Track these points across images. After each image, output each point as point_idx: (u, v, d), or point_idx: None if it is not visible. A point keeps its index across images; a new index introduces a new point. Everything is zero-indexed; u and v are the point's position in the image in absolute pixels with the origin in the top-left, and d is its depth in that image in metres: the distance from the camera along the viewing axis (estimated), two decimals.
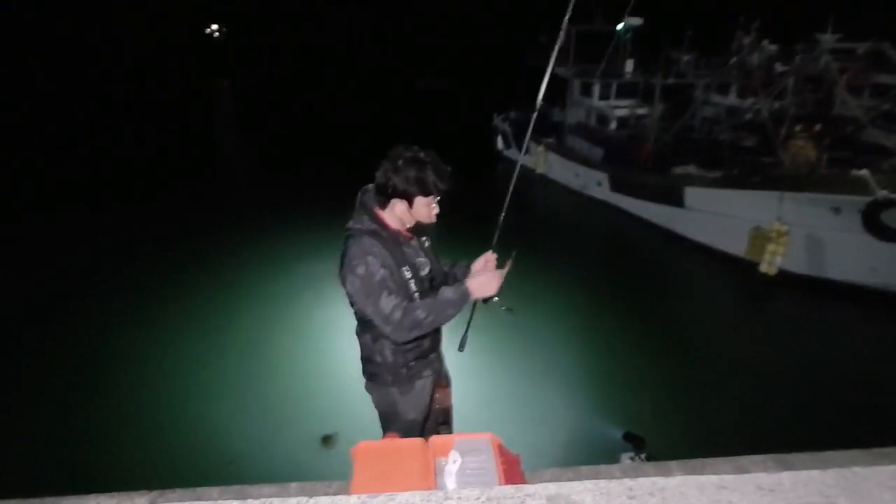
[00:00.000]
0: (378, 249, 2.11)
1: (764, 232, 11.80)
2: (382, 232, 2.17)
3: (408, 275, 2.20)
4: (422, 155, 2.14)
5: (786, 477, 1.23)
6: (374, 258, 2.08)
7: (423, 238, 2.39)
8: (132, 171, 19.78)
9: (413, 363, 2.41)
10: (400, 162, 2.09)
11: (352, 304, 2.25)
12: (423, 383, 2.51)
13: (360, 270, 2.06)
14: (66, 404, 7.49)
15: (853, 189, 10.59)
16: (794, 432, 6.96)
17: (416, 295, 2.23)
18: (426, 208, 2.17)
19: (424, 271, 2.29)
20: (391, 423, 2.55)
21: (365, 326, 2.33)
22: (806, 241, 11.48)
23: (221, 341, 8.99)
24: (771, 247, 11.64)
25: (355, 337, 2.52)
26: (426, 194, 2.13)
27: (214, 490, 2.27)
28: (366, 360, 2.44)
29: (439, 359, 2.56)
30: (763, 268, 11.84)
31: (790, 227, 11.45)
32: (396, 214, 2.18)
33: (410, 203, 2.15)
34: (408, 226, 2.25)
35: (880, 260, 10.68)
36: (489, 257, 2.37)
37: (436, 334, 2.46)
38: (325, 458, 6.46)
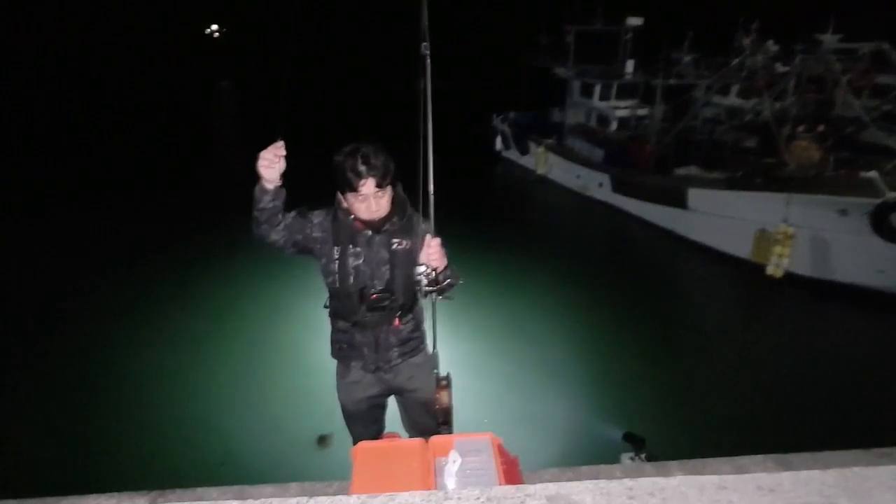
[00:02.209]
0: (329, 220, 2.31)
1: (769, 234, 11.71)
2: (340, 212, 2.29)
3: (335, 254, 2.29)
4: (350, 150, 2.15)
5: (786, 477, 1.23)
6: (320, 212, 2.35)
7: (398, 240, 2.29)
8: (132, 172, 19.79)
9: (344, 346, 2.47)
10: (337, 157, 2.17)
11: None
12: (357, 377, 2.50)
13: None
14: (66, 404, 7.49)
15: (860, 191, 10.52)
16: (794, 432, 6.96)
17: (336, 275, 2.30)
18: (357, 203, 2.19)
19: (358, 260, 2.29)
20: None
21: None
22: (812, 244, 11.38)
23: (221, 340, 9.00)
24: (777, 249, 11.52)
25: None
26: (346, 190, 2.17)
27: (214, 490, 2.27)
28: None
29: (376, 362, 2.45)
30: (769, 270, 11.70)
31: (796, 229, 11.36)
32: None
33: (341, 197, 2.22)
34: (362, 217, 2.24)
35: (888, 262, 10.61)
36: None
37: (364, 331, 2.40)
38: (323, 458, 6.46)
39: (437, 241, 2.11)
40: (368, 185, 2.14)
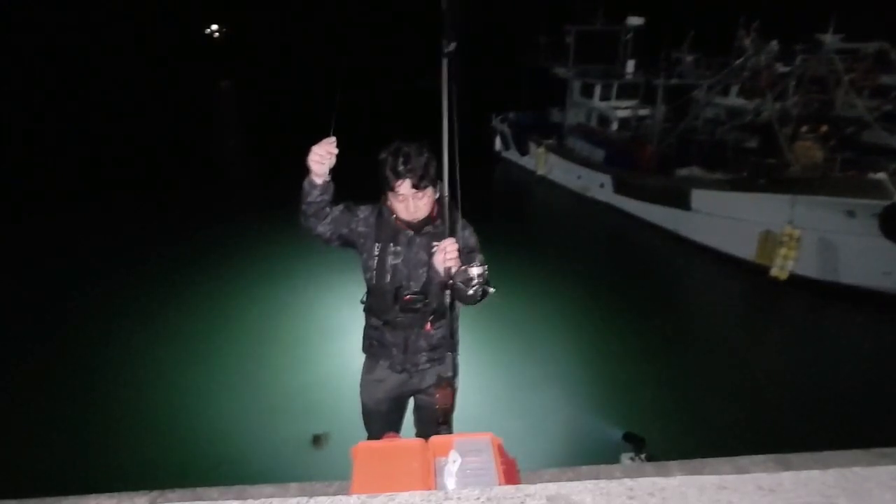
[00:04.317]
0: (374, 216, 2.32)
1: (774, 235, 11.61)
2: (384, 209, 2.31)
3: (376, 251, 2.30)
4: (392, 149, 2.17)
5: (786, 477, 1.23)
6: (366, 207, 2.36)
7: (438, 243, 2.23)
8: (133, 172, 19.79)
9: (375, 342, 2.48)
10: (381, 155, 2.19)
11: None
12: (382, 375, 2.51)
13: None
14: (66, 404, 7.50)
15: (868, 192, 10.47)
16: (794, 432, 6.96)
17: (374, 272, 2.31)
18: (397, 203, 2.22)
19: (397, 259, 2.30)
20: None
21: None
22: (818, 245, 11.30)
23: (220, 340, 9.00)
24: (783, 251, 11.43)
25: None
26: (386, 189, 2.20)
27: (214, 490, 2.27)
28: None
29: (403, 364, 2.45)
30: (774, 272, 11.62)
31: (802, 230, 11.26)
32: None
33: (385, 195, 2.24)
34: (401, 217, 2.26)
35: (894, 264, 10.58)
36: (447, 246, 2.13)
37: (395, 331, 2.40)
38: (323, 458, 6.46)
39: (455, 243, 2.12)
40: (405, 186, 2.15)
